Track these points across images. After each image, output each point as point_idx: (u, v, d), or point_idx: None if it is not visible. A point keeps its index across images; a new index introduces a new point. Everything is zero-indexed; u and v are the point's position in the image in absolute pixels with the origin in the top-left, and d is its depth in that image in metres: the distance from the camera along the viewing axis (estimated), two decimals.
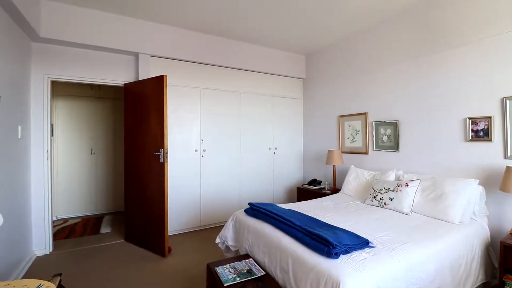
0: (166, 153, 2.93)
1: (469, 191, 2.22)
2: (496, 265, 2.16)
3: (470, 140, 2.50)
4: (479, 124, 2.44)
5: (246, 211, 2.45)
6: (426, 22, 2.84)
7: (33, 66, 2.96)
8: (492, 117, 2.35)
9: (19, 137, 2.58)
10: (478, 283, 2.01)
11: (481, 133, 2.42)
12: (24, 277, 2.50)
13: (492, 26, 2.34)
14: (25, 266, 2.64)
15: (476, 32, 2.45)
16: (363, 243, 1.65)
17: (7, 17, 2.28)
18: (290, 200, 4.56)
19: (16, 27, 2.49)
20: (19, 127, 2.58)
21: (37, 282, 1.29)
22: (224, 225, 2.64)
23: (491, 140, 2.35)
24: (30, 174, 2.92)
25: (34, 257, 2.89)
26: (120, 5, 2.99)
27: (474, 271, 1.98)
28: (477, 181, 2.26)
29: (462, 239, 1.96)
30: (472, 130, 2.48)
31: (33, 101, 2.95)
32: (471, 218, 2.22)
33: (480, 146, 2.43)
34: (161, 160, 2.94)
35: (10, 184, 2.39)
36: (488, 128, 2.37)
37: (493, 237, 2.25)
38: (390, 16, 3.19)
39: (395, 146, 3.18)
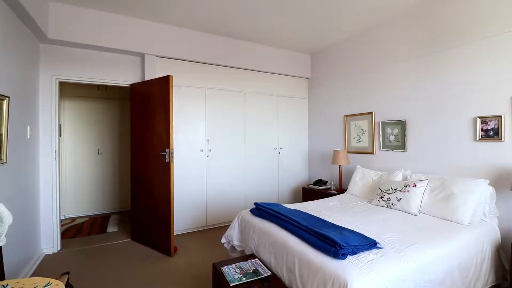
0: (172, 153, 2.94)
1: (479, 192, 2.18)
2: (507, 267, 2.12)
3: (480, 139, 2.45)
4: (489, 123, 2.39)
5: (252, 211, 2.45)
6: (433, 20, 2.80)
7: (41, 67, 3.00)
8: (502, 116, 2.30)
9: (28, 137, 2.62)
10: (488, 286, 1.98)
11: (491, 133, 2.38)
12: (33, 275, 2.54)
13: (502, 23, 2.29)
14: (34, 264, 2.68)
15: (485, 29, 2.40)
16: (371, 244, 1.63)
17: (17, 20, 2.32)
18: (295, 200, 4.54)
19: (25, 29, 2.52)
20: (28, 127, 2.62)
21: (46, 280, 1.31)
22: (229, 224, 2.64)
23: (501, 139, 2.31)
24: (39, 174, 2.97)
25: (42, 256, 2.94)
26: (126, 6, 3.02)
27: (484, 273, 1.95)
28: (487, 181, 2.22)
29: (472, 241, 1.93)
30: (482, 130, 2.43)
31: (41, 102, 2.99)
32: (481, 219, 2.18)
33: (490, 145, 2.39)
34: (167, 160, 2.95)
35: (20, 184, 2.43)
36: (498, 127, 2.33)
37: (503, 238, 2.21)
38: (396, 15, 3.15)
39: (402, 146, 3.14)
